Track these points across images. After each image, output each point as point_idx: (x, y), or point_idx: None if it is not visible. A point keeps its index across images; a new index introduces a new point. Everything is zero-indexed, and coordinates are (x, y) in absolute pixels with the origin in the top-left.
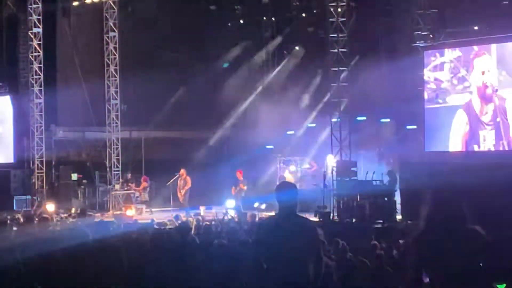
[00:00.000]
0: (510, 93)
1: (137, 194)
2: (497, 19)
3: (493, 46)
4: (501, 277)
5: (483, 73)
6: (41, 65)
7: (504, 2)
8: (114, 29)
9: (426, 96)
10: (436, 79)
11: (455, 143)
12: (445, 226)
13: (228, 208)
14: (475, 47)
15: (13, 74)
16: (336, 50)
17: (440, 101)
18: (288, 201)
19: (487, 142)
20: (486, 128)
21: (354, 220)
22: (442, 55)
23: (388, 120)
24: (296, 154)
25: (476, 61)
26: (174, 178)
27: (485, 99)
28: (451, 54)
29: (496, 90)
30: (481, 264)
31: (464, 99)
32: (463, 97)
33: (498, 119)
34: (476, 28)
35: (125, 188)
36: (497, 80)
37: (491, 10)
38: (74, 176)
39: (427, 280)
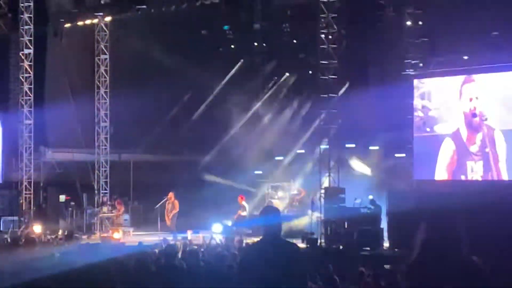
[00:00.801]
0: (498, 123)
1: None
2: (487, 49)
3: (484, 76)
4: None
5: (470, 99)
6: (31, 86)
7: (494, 33)
8: (105, 51)
9: (414, 124)
10: (423, 106)
11: (441, 172)
12: (440, 254)
13: (214, 232)
14: (462, 76)
15: (3, 95)
16: (326, 77)
17: (428, 129)
18: (272, 226)
19: (474, 173)
20: (474, 158)
21: (341, 247)
22: (430, 81)
23: (377, 147)
24: (285, 180)
25: (464, 88)
26: (162, 202)
27: (473, 127)
28: (439, 81)
29: (486, 119)
30: None
31: (451, 128)
32: (451, 125)
33: (487, 150)
34: (466, 57)
35: (100, 212)
36: (485, 108)
37: (481, 41)
38: (62, 198)
39: None
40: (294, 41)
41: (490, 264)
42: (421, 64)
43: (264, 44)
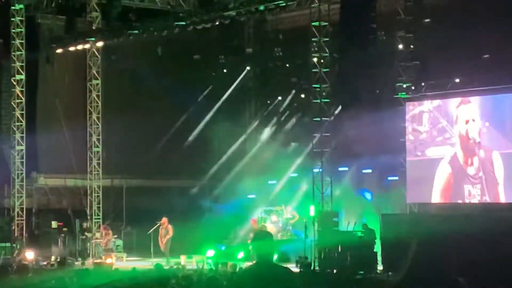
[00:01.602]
0: (495, 146)
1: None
2: (478, 72)
3: (478, 98)
4: None
5: (467, 122)
6: (23, 112)
7: (485, 56)
8: (97, 76)
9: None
10: (414, 129)
11: (438, 197)
12: (427, 276)
13: (208, 257)
14: (457, 98)
15: None
16: (318, 100)
17: (419, 153)
18: (265, 250)
19: (472, 196)
20: (472, 182)
21: (335, 271)
22: (420, 104)
23: (370, 171)
24: (278, 204)
25: (460, 109)
26: (156, 227)
27: (470, 150)
28: (430, 103)
29: (479, 142)
30: None
31: (446, 152)
32: (444, 149)
33: (483, 174)
34: (457, 80)
35: (82, 237)
36: (480, 131)
37: (472, 63)
38: (54, 224)
39: None
40: (287, 65)
41: (476, 286)
42: (413, 87)
43: (256, 69)
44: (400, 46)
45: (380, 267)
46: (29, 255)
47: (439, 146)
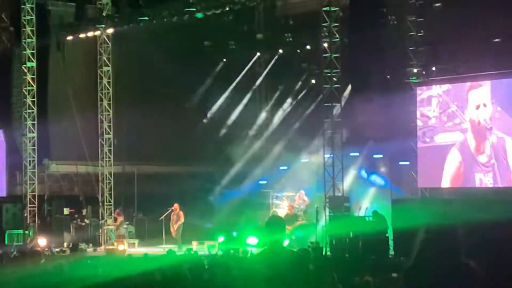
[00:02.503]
0: (508, 131)
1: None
2: (489, 56)
3: (488, 82)
4: None
5: (477, 107)
6: (34, 99)
7: (496, 40)
8: (108, 63)
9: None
10: (422, 115)
11: (448, 185)
12: (438, 261)
13: (219, 243)
14: (467, 82)
15: (6, 108)
16: (329, 86)
17: (428, 140)
18: (277, 236)
19: (484, 185)
20: (483, 170)
21: (346, 255)
22: (429, 88)
23: (381, 156)
24: (289, 190)
25: (471, 94)
26: (167, 213)
27: (481, 136)
28: (439, 88)
29: (491, 128)
30: None
31: (456, 138)
32: (454, 135)
33: (492, 161)
34: (468, 64)
35: (77, 223)
36: (492, 116)
37: (483, 47)
38: (66, 211)
39: None
40: (297, 50)
41: (488, 269)
42: (423, 72)
43: (266, 55)
44: (411, 31)
45: (392, 252)
46: (42, 241)
47: (448, 132)
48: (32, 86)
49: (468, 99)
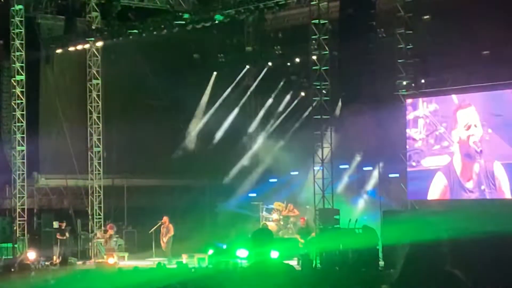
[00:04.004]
0: (497, 155)
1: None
2: (478, 68)
3: (477, 97)
4: None
5: (468, 127)
6: (24, 113)
7: (485, 52)
8: (97, 76)
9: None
10: (409, 137)
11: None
12: (423, 271)
13: (209, 256)
14: (456, 100)
15: None
16: (318, 99)
17: (414, 163)
18: (263, 248)
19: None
20: (470, 195)
21: (337, 268)
22: (415, 108)
23: (370, 168)
24: (279, 202)
25: (459, 114)
26: (157, 226)
27: (469, 160)
28: (426, 108)
29: (481, 152)
30: None
31: (443, 161)
32: (441, 159)
33: (482, 187)
34: (457, 77)
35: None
36: (482, 139)
37: (472, 60)
38: (56, 224)
39: None
40: (287, 63)
41: (473, 277)
42: (413, 84)
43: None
44: (400, 44)
45: (382, 263)
46: (31, 255)
47: (436, 156)
48: (21, 100)
49: (457, 119)
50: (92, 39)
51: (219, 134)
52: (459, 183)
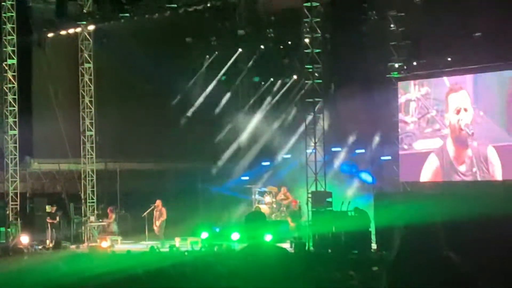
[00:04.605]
0: (489, 138)
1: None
2: (470, 50)
3: (469, 80)
4: None
5: (458, 111)
6: (16, 97)
7: (477, 34)
8: (89, 60)
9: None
10: (400, 120)
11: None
12: (418, 255)
13: (202, 239)
14: (447, 83)
15: None
16: (311, 81)
17: (406, 146)
18: (256, 231)
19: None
20: (463, 178)
21: (329, 250)
22: (407, 91)
23: (363, 151)
24: (271, 185)
25: (451, 97)
26: (150, 210)
27: (461, 143)
28: (417, 91)
29: (472, 134)
30: None
31: (435, 145)
32: (433, 142)
33: (474, 169)
34: (449, 59)
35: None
36: (473, 121)
37: (464, 42)
38: (49, 208)
39: None
40: (280, 46)
41: (469, 260)
42: (405, 67)
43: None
44: (392, 26)
45: (374, 246)
46: (24, 239)
47: (428, 139)
48: (13, 84)
49: (448, 103)
50: (84, 22)
51: (211, 117)
52: (451, 166)
